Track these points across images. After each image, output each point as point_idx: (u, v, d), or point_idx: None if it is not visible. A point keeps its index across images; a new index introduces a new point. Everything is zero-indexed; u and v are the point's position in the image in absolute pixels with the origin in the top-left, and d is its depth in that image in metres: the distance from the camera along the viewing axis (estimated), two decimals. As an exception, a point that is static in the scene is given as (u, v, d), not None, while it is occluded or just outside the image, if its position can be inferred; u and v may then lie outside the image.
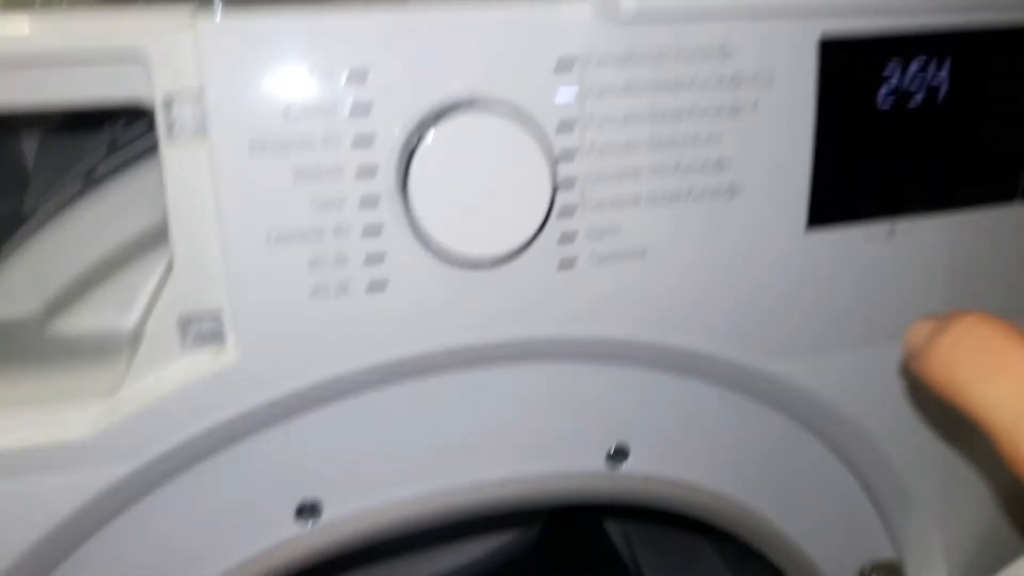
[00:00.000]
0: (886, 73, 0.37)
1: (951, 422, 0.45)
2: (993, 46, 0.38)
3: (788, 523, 0.47)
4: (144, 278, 0.41)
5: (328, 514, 0.39)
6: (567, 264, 0.35)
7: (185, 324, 0.33)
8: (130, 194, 0.45)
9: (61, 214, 0.45)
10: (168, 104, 0.31)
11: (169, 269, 0.40)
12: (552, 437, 0.41)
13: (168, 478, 0.36)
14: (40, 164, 0.76)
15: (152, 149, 0.47)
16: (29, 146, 0.79)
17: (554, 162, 0.32)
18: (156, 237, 0.43)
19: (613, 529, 0.88)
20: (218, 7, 0.30)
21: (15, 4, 0.40)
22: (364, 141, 0.31)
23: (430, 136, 0.30)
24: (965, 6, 0.37)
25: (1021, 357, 0.25)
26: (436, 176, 0.31)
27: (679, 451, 0.44)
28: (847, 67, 0.36)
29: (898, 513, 0.48)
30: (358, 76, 0.31)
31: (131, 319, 0.41)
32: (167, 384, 0.33)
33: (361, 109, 0.31)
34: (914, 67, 0.37)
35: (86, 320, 0.41)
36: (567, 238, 0.34)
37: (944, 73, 0.38)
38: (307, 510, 0.39)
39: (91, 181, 0.48)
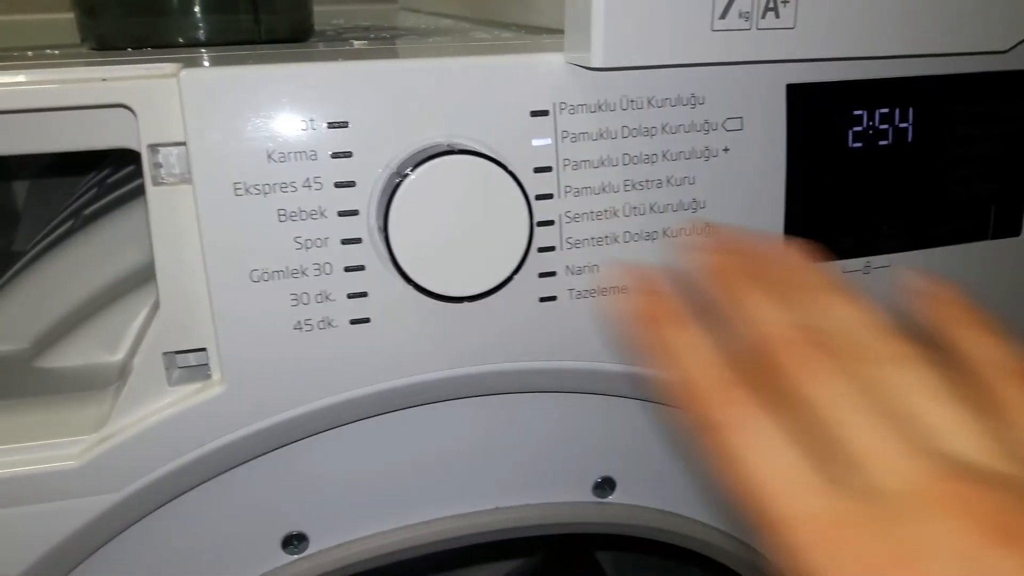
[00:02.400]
0: (855, 114, 0.38)
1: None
2: (954, 92, 0.40)
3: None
4: (130, 315, 0.42)
5: (315, 544, 0.40)
6: (547, 299, 0.36)
7: (171, 360, 0.34)
8: (118, 234, 0.46)
9: (51, 253, 0.46)
10: (154, 150, 0.32)
11: (155, 307, 0.41)
12: (538, 468, 0.42)
13: (156, 508, 0.37)
14: (30, 204, 0.78)
15: (140, 190, 0.48)
16: (19, 187, 0.81)
17: (531, 203, 0.33)
18: (142, 276, 0.44)
19: (604, 558, 0.88)
20: (203, 61, 0.31)
21: (7, 52, 0.42)
22: (345, 184, 0.32)
23: (409, 179, 0.31)
24: (924, 54, 0.38)
25: None
26: (416, 217, 0.32)
27: (666, 482, 0.44)
28: (815, 110, 0.37)
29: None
30: (339, 122, 0.32)
31: (118, 355, 0.42)
32: (154, 417, 0.34)
33: (342, 153, 0.32)
34: (881, 111, 0.38)
35: (74, 356, 0.42)
36: (547, 275, 0.35)
37: (909, 117, 0.39)
38: (294, 540, 0.39)
39: (80, 221, 0.50)
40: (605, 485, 0.44)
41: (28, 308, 0.44)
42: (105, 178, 0.58)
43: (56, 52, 0.41)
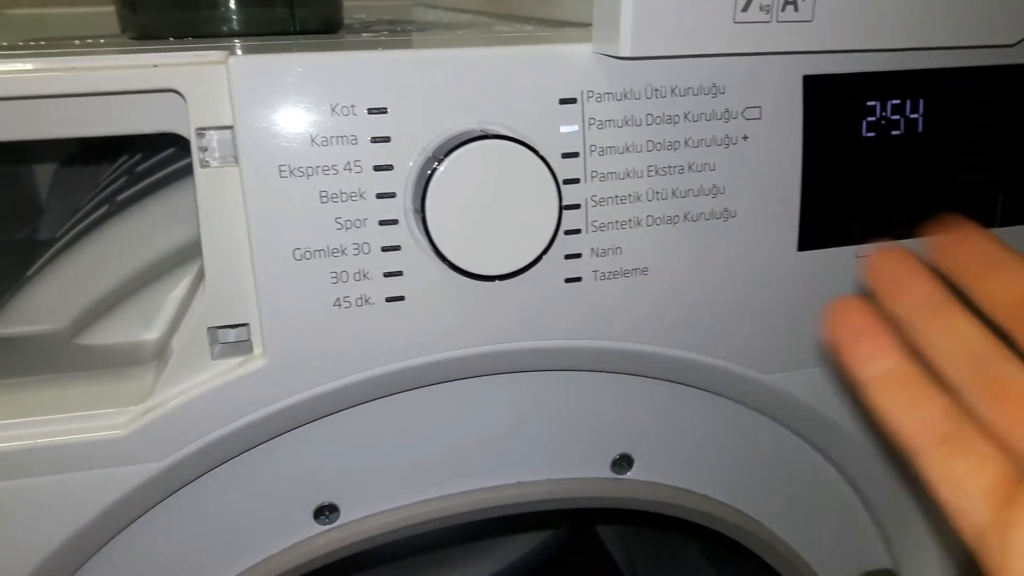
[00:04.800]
0: (868, 105, 0.39)
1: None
2: (963, 85, 0.41)
3: (788, 532, 0.49)
4: (167, 296, 0.44)
5: (345, 515, 0.41)
6: (573, 280, 0.37)
7: (214, 335, 0.36)
8: (153, 218, 0.48)
9: (87, 237, 0.48)
10: (202, 134, 0.34)
11: (193, 286, 0.43)
12: (559, 445, 0.44)
13: (195, 478, 0.38)
14: (53, 195, 0.80)
15: (171, 177, 0.50)
16: (42, 179, 0.82)
17: (560, 187, 0.35)
18: (177, 258, 0.46)
19: (608, 531, 0.90)
20: (245, 50, 0.33)
21: (56, 40, 0.43)
22: (384, 167, 0.34)
23: (446, 162, 0.33)
24: (935, 46, 0.39)
25: None
26: (451, 199, 0.33)
27: (682, 460, 0.46)
28: (831, 100, 0.39)
29: (895, 524, 0.50)
30: (378, 108, 0.33)
31: (155, 333, 0.43)
32: (197, 389, 0.35)
33: (381, 138, 0.34)
34: (892, 102, 0.40)
35: (112, 334, 0.44)
36: (573, 256, 0.37)
37: (920, 108, 0.40)
38: (325, 511, 0.41)
39: (115, 206, 0.51)
40: (623, 462, 0.45)
41: (67, 289, 0.46)
42: (134, 166, 0.59)
43: (102, 41, 0.42)
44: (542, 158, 0.34)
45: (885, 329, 0.26)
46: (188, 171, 0.49)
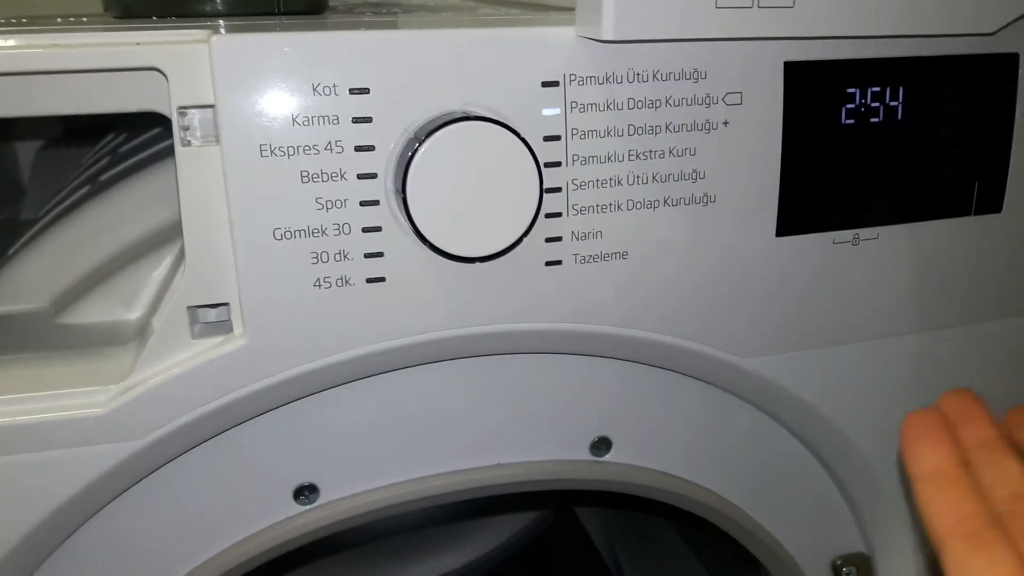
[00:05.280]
0: (848, 92, 0.40)
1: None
2: (943, 73, 0.41)
3: (763, 515, 0.50)
4: (148, 276, 0.44)
5: (325, 495, 0.42)
6: (553, 263, 0.38)
7: (194, 314, 0.36)
8: (135, 198, 0.48)
9: (69, 217, 0.48)
10: (183, 113, 0.34)
11: (174, 265, 0.43)
12: (538, 427, 0.44)
13: (174, 457, 0.38)
14: (36, 176, 0.79)
15: (154, 157, 0.50)
16: (25, 159, 0.82)
17: (541, 170, 0.35)
18: (159, 238, 0.46)
19: (587, 512, 0.91)
20: (228, 29, 0.33)
21: (37, 18, 0.43)
22: (365, 148, 0.34)
23: (427, 143, 0.33)
24: (915, 34, 0.40)
25: None
26: (432, 180, 0.33)
27: (660, 443, 0.47)
28: (811, 87, 0.39)
29: (869, 508, 0.51)
30: (360, 89, 0.33)
31: (135, 313, 0.43)
32: (178, 367, 0.35)
33: (363, 119, 0.34)
34: (872, 89, 0.40)
35: (93, 314, 0.44)
36: (553, 240, 0.37)
37: (900, 96, 0.41)
38: (305, 491, 0.41)
39: (97, 186, 0.51)
40: (601, 445, 0.46)
41: (48, 269, 0.46)
42: (117, 147, 0.59)
43: (84, 19, 0.42)
44: (524, 140, 0.34)
45: (947, 438, 0.30)
46: (171, 151, 0.49)
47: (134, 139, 0.58)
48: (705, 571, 0.77)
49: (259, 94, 0.33)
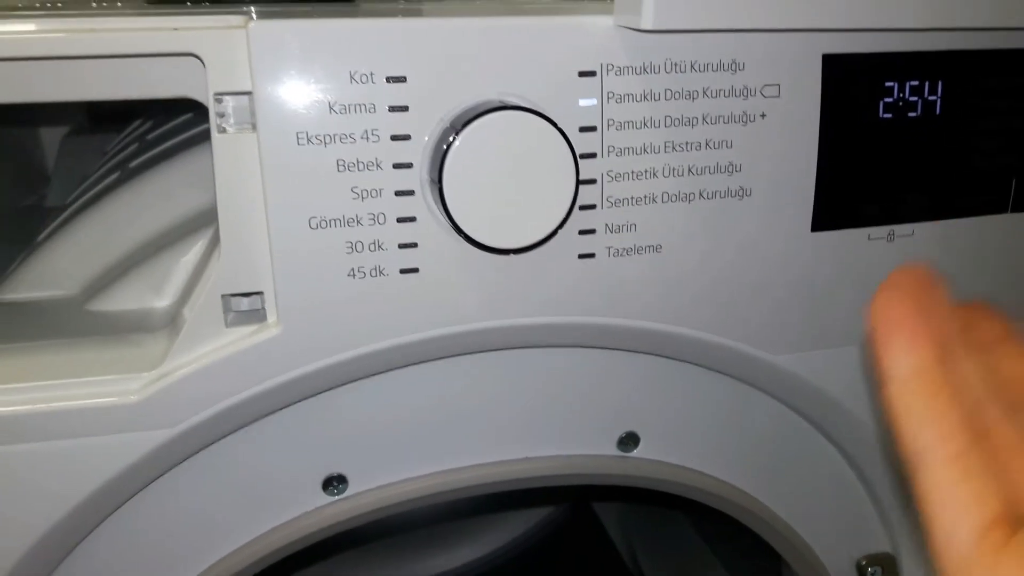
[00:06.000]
0: (886, 86, 0.39)
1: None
2: (982, 67, 0.41)
3: (790, 513, 0.49)
4: (178, 263, 0.44)
5: (354, 487, 0.41)
6: (586, 256, 0.37)
7: (228, 302, 0.36)
8: (166, 186, 0.48)
9: (99, 204, 0.48)
10: (220, 100, 0.34)
11: (205, 254, 0.43)
12: (566, 421, 0.44)
13: (205, 446, 0.38)
14: (61, 162, 0.79)
15: (183, 144, 0.50)
16: (50, 146, 0.82)
17: (578, 161, 0.34)
18: (190, 226, 0.45)
19: (603, 507, 0.91)
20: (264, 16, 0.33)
21: (78, 4, 0.43)
22: (401, 137, 0.34)
23: (463, 134, 0.33)
24: (956, 27, 0.39)
25: None
26: (468, 170, 0.33)
27: (688, 439, 0.46)
28: (849, 80, 0.39)
29: (895, 508, 0.50)
30: (397, 77, 0.33)
31: (166, 301, 0.43)
32: (211, 356, 0.35)
33: (399, 107, 0.34)
34: (911, 83, 0.40)
35: (123, 301, 0.44)
36: (587, 232, 0.37)
37: (938, 90, 0.40)
38: (334, 482, 0.41)
39: (127, 173, 0.51)
40: (629, 440, 0.45)
41: (78, 255, 0.46)
42: (144, 134, 0.59)
43: (119, 4, 0.42)
44: (561, 131, 0.34)
45: (928, 326, 0.25)
46: (201, 138, 0.49)
47: (161, 126, 0.58)
48: (720, 565, 0.77)
49: (296, 81, 0.33)
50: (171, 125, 0.56)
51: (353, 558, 0.86)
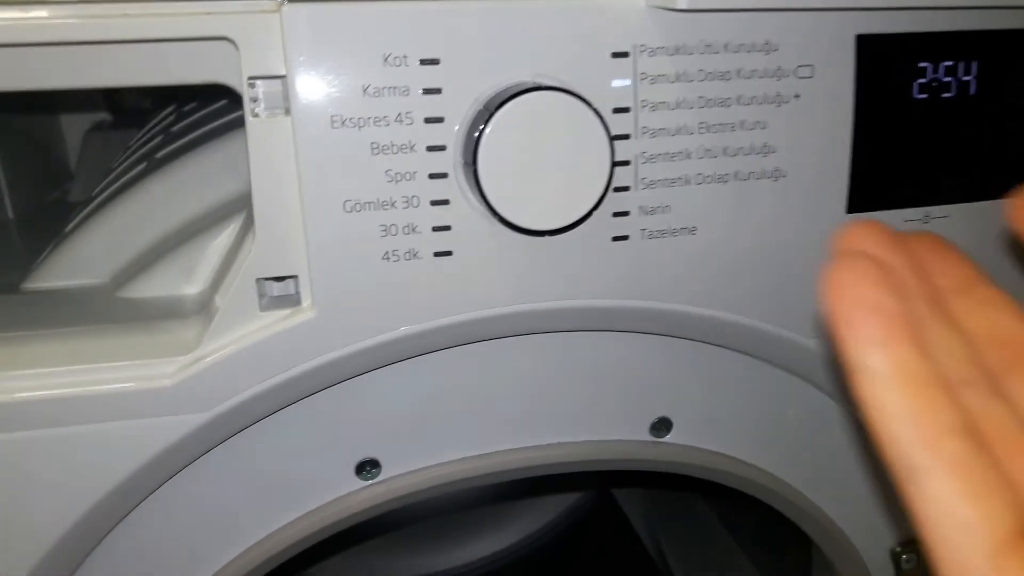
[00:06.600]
0: (920, 66, 0.39)
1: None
2: (1018, 47, 0.40)
3: (824, 500, 0.49)
4: (207, 250, 0.44)
5: (387, 471, 0.41)
6: (620, 239, 0.37)
7: (263, 286, 0.36)
8: (193, 175, 0.48)
9: (127, 193, 0.48)
10: (253, 84, 0.34)
11: (236, 241, 0.43)
12: (598, 406, 0.44)
13: (238, 431, 0.38)
14: (83, 158, 0.80)
15: (211, 134, 0.50)
16: (72, 142, 0.83)
17: (612, 142, 0.34)
18: (220, 213, 0.46)
19: (630, 497, 0.91)
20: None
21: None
22: (435, 120, 0.34)
23: (498, 115, 0.33)
24: (991, 6, 0.39)
25: None
26: (502, 152, 0.33)
27: (720, 425, 0.46)
28: (883, 61, 0.38)
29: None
30: (431, 59, 0.33)
31: (194, 287, 0.43)
32: (246, 340, 0.35)
33: (433, 90, 0.33)
34: (945, 64, 0.39)
35: (153, 288, 0.44)
36: (621, 214, 0.37)
37: (973, 70, 0.40)
38: (367, 466, 0.41)
39: (154, 163, 0.51)
40: (661, 425, 0.45)
41: (108, 244, 0.46)
42: (169, 126, 0.59)
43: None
44: (596, 111, 0.33)
45: (898, 305, 0.20)
46: (228, 128, 0.49)
47: (185, 118, 0.58)
48: (746, 556, 0.77)
49: (330, 64, 0.33)
50: (196, 117, 0.56)
51: (373, 549, 0.86)
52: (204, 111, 0.56)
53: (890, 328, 0.20)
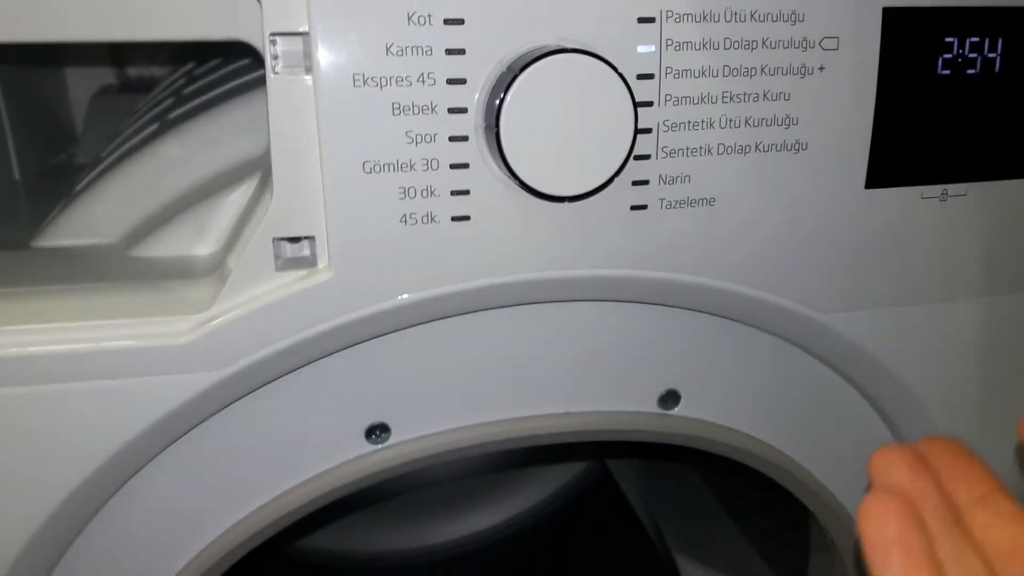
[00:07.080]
0: (946, 41, 0.39)
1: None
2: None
3: (826, 474, 0.49)
4: (220, 210, 0.44)
5: (396, 436, 0.41)
6: (639, 208, 0.37)
7: (280, 246, 0.35)
8: (206, 135, 0.47)
9: (139, 153, 0.48)
10: (275, 41, 0.33)
11: (251, 202, 0.42)
12: (608, 377, 0.44)
13: (250, 391, 0.38)
14: (90, 123, 0.79)
15: (224, 96, 0.49)
16: (78, 106, 0.82)
17: (636, 108, 0.34)
18: (233, 175, 0.45)
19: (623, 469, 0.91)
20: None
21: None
22: (457, 81, 0.33)
23: (522, 77, 0.32)
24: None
25: None
26: (526, 114, 0.33)
27: (728, 398, 0.46)
28: (909, 35, 0.38)
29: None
30: (455, 19, 0.33)
31: (208, 248, 0.43)
32: (261, 299, 0.35)
33: (456, 50, 0.33)
34: (971, 40, 0.39)
35: (166, 247, 0.43)
36: (640, 183, 0.36)
37: (998, 47, 0.39)
38: (377, 430, 0.41)
39: (165, 124, 0.51)
40: (670, 398, 0.45)
41: (120, 203, 0.46)
42: (180, 88, 0.59)
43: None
44: (621, 75, 0.33)
45: (921, 541, 0.25)
46: (243, 89, 0.48)
47: (196, 81, 0.57)
48: (739, 528, 0.77)
49: (354, 21, 0.32)
50: (209, 79, 0.56)
51: (369, 522, 0.86)
52: (217, 73, 0.55)
53: (911, 562, 0.24)
